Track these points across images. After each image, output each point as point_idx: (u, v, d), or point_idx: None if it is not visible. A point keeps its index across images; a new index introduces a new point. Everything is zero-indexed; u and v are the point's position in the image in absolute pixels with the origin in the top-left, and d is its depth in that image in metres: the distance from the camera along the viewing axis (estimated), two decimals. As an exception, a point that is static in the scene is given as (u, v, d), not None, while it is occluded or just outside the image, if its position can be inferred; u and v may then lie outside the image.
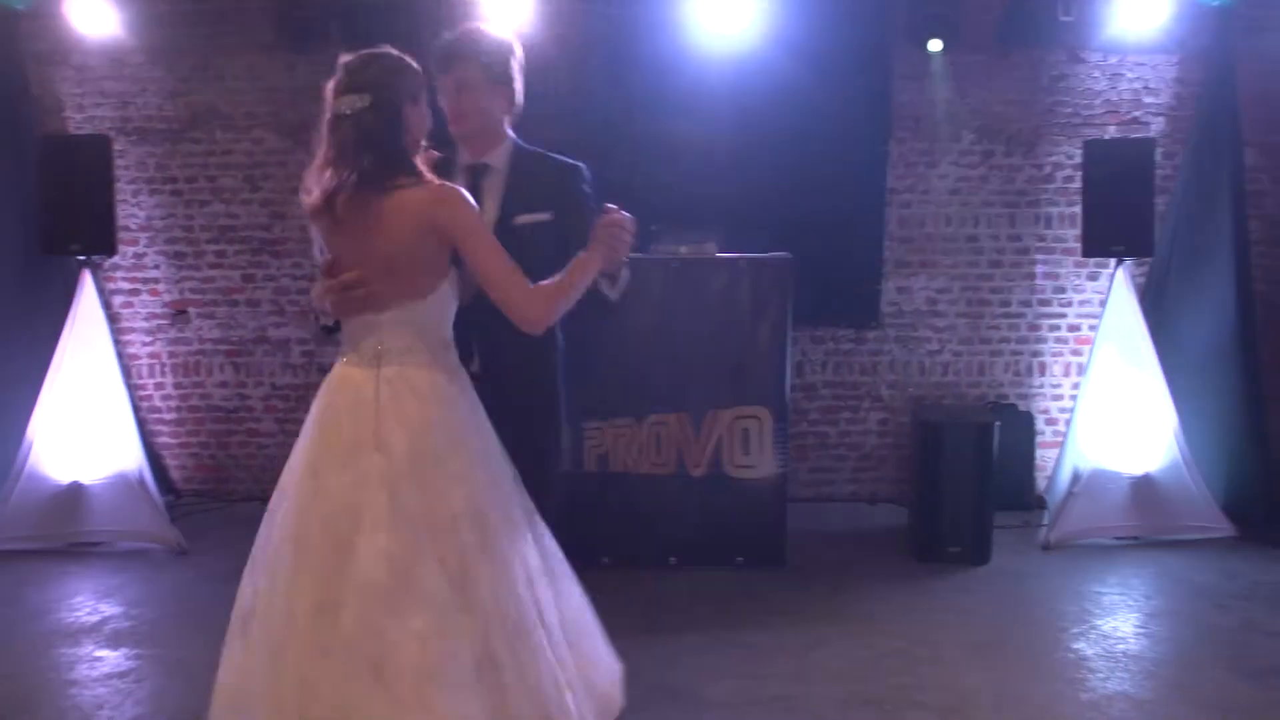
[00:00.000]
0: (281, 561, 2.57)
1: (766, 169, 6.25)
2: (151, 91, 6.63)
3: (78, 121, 6.62)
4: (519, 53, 3.13)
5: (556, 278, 2.73)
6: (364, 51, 2.71)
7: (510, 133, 3.16)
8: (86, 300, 5.81)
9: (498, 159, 3.11)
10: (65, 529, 5.71)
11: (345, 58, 2.69)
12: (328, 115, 2.66)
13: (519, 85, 3.13)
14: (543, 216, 3.01)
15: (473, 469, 2.63)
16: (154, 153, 6.66)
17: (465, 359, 2.81)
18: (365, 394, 2.62)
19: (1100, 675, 4.14)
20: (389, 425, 2.58)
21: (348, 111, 2.62)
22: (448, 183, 2.70)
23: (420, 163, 2.69)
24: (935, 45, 6.23)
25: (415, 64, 2.75)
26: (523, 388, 3.03)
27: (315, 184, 2.66)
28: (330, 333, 2.87)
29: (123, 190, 6.45)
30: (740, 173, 6.21)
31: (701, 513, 5.37)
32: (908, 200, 6.59)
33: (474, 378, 2.81)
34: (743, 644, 4.46)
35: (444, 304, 2.72)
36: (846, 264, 6.47)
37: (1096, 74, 6.48)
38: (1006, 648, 4.43)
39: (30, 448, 5.69)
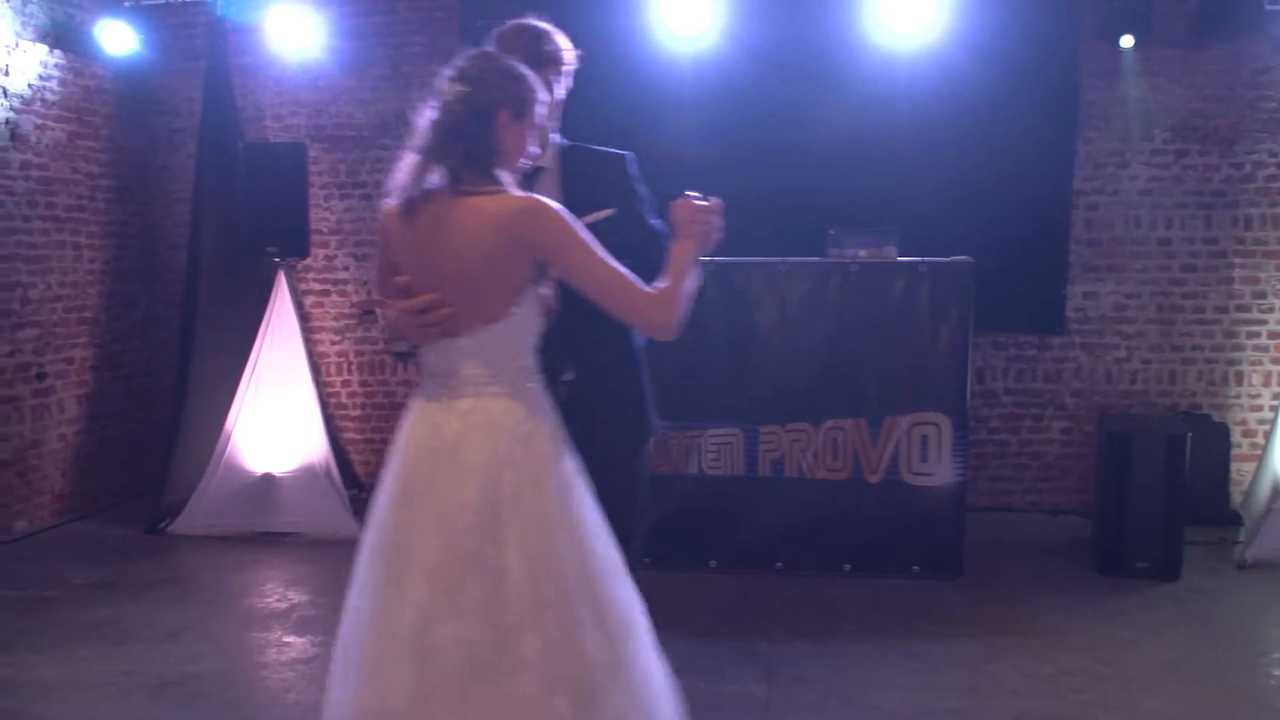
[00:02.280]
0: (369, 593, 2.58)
1: (948, 170, 6.10)
2: (343, 100, 6.91)
3: (276, 130, 6.95)
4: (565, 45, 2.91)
5: (666, 276, 2.46)
6: (484, 49, 2.59)
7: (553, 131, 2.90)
8: (281, 300, 6.12)
9: (549, 159, 2.85)
10: (257, 518, 6.01)
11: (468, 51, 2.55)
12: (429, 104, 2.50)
13: (569, 80, 2.91)
14: (606, 213, 2.76)
15: (547, 511, 2.40)
16: (345, 159, 6.94)
17: (558, 374, 2.61)
18: (440, 430, 2.43)
19: (1306, 705, 3.91)
20: (463, 468, 2.38)
21: (442, 100, 2.47)
22: (534, 194, 2.45)
23: (506, 178, 2.45)
24: (1126, 41, 6.02)
25: (534, 82, 2.53)
26: (610, 403, 2.83)
27: (402, 181, 2.48)
28: (403, 357, 2.73)
29: (315, 195, 6.75)
30: (920, 174, 6.07)
31: (877, 520, 5.29)
32: (1096, 202, 6.36)
33: (564, 398, 2.59)
34: (918, 654, 4.38)
35: (525, 327, 2.46)
36: (1030, 268, 6.28)
37: (1306, 65, 6.13)
38: (1199, 670, 4.22)
39: (229, 439, 6.02)
